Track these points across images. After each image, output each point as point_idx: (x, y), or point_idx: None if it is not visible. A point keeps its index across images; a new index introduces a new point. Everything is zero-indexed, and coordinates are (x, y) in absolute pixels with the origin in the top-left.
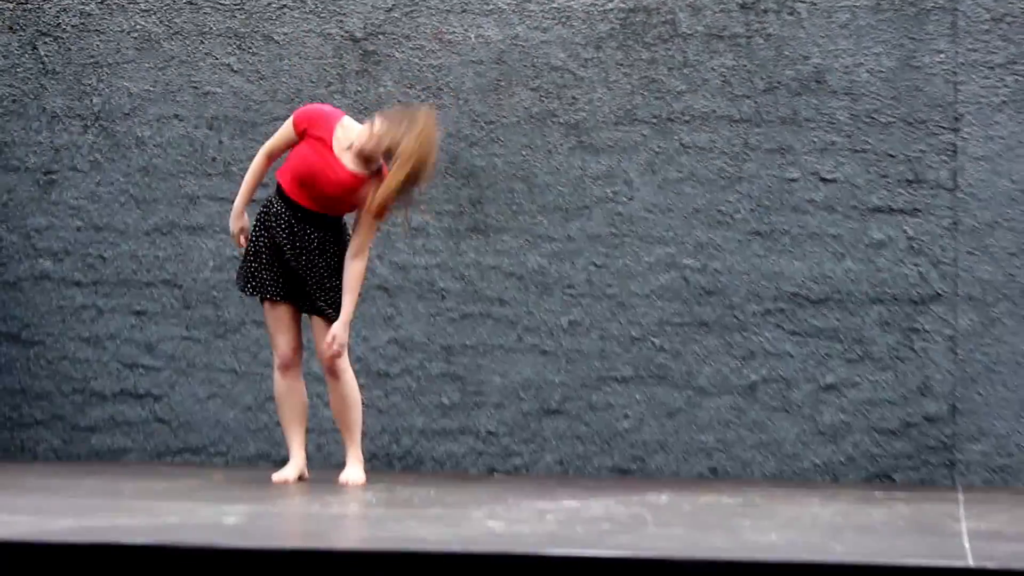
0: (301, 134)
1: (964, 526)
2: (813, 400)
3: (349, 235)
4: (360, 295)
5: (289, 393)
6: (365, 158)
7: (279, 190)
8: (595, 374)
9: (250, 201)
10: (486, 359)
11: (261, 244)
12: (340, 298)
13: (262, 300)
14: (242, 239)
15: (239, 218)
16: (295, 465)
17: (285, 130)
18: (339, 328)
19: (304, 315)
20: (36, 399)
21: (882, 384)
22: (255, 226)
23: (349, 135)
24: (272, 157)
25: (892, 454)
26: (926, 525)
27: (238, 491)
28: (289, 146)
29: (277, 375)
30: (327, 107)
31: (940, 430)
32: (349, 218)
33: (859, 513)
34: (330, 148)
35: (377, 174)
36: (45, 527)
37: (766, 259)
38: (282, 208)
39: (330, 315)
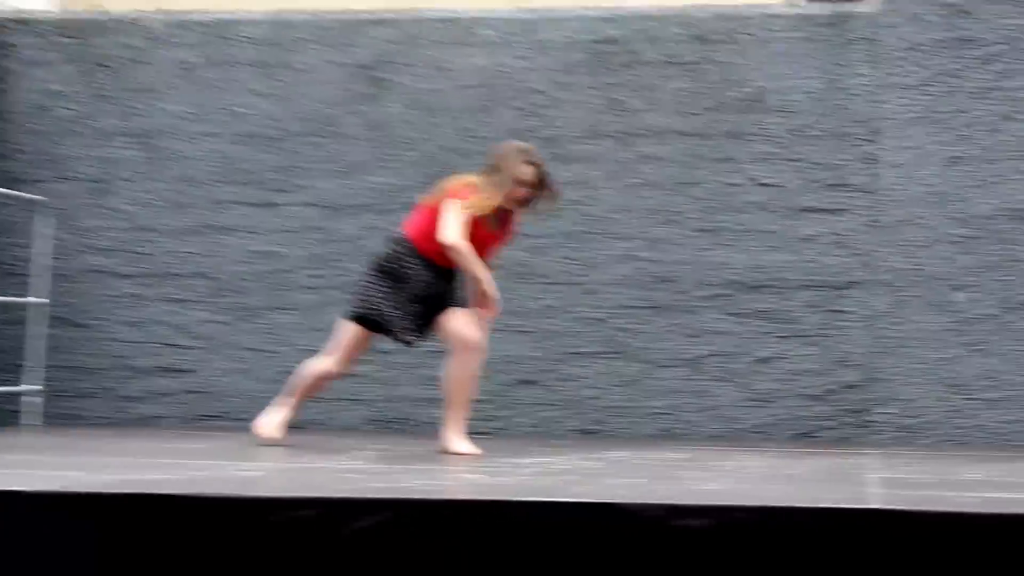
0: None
1: (873, 476)
2: (749, 371)
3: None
4: None
5: (323, 382)
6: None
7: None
8: (564, 350)
9: None
10: None
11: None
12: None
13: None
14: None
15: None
16: (282, 423)
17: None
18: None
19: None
20: (88, 374)
21: (808, 357)
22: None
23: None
24: None
25: (816, 416)
26: (841, 475)
27: (255, 449)
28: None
29: (326, 370)
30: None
31: (856, 396)
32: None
33: (786, 466)
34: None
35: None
36: (92, 480)
37: (711, 252)
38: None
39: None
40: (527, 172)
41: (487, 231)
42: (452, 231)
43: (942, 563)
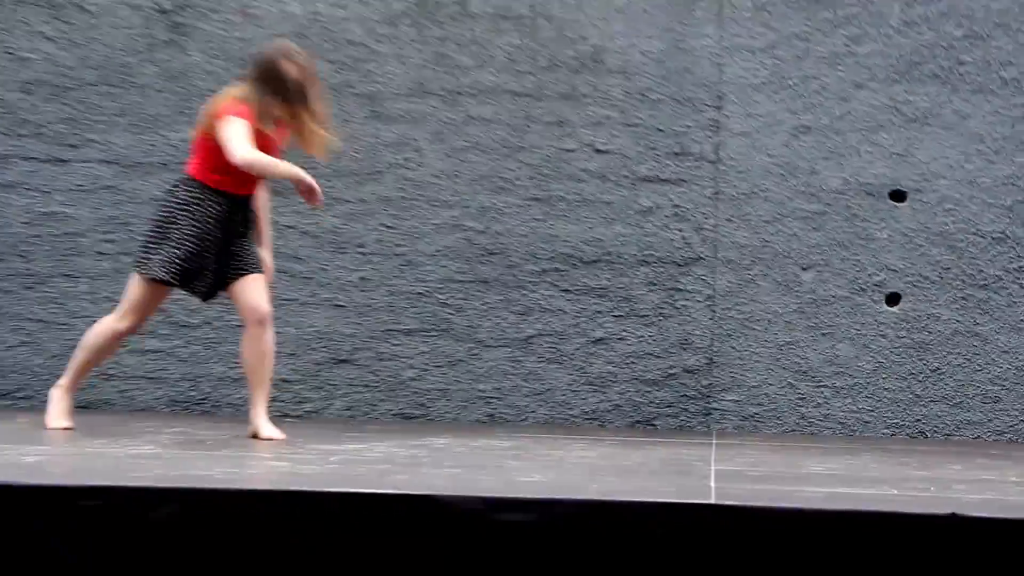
0: None
1: (713, 468)
2: (584, 352)
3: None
4: None
5: (115, 344)
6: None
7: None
8: (383, 327)
9: None
10: (282, 311)
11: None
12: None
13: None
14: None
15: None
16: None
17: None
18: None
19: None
20: None
21: (646, 338)
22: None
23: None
24: None
25: (654, 402)
26: (679, 467)
27: (40, 433)
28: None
29: (117, 329)
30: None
31: (698, 381)
32: None
33: (619, 456)
34: None
35: None
36: None
37: (544, 223)
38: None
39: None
40: (292, 70)
41: (267, 138)
42: (241, 147)
43: (783, 562)
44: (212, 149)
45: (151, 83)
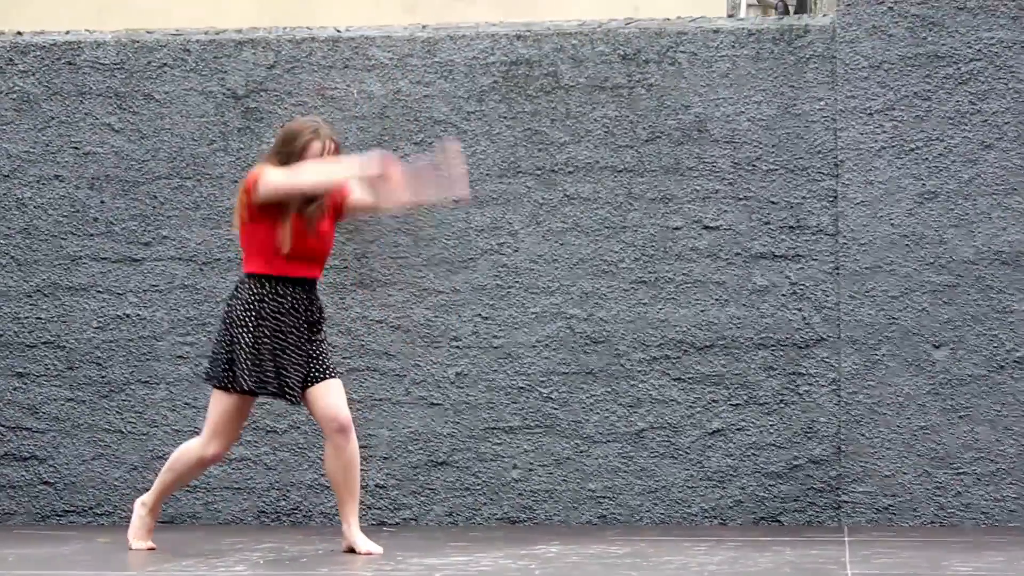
0: None
1: (849, 573)
2: (700, 445)
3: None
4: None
5: (198, 472)
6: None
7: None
8: (483, 425)
9: None
10: (373, 412)
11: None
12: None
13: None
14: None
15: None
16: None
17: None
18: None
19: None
20: None
21: (768, 428)
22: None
23: None
24: None
25: (779, 497)
26: (812, 572)
27: (123, 555)
28: None
29: (203, 458)
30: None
31: (825, 472)
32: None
33: (745, 561)
34: None
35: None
36: None
37: (651, 307)
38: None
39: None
40: (316, 149)
41: (308, 232)
42: (269, 179)
43: None
44: (258, 236)
45: (226, 174)
